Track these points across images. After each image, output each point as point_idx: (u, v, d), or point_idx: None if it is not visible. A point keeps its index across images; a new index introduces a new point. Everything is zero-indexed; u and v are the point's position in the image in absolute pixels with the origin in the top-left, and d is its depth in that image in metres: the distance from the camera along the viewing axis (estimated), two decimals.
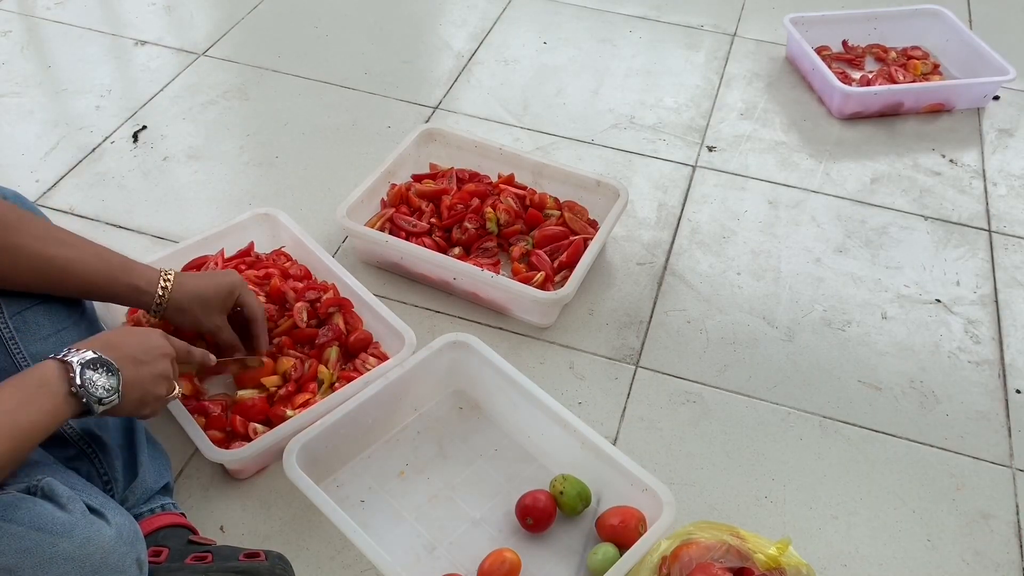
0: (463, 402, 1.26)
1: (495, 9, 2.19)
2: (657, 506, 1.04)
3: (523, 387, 1.16)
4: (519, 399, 1.18)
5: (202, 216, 1.56)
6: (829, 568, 1.12)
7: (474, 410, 1.26)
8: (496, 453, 1.20)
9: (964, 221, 1.66)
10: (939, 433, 1.30)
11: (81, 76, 1.89)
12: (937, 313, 1.48)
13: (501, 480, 1.17)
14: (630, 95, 1.93)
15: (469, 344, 1.21)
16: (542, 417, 1.15)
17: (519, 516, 1.10)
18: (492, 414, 1.24)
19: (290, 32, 2.07)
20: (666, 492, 1.04)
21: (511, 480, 1.17)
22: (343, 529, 1.00)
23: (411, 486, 1.16)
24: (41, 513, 0.77)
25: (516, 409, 1.20)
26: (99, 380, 0.84)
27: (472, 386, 1.26)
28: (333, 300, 1.30)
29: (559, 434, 1.14)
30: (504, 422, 1.23)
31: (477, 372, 1.23)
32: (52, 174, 1.64)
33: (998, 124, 1.91)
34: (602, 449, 1.10)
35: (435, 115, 1.84)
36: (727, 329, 1.42)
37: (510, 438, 1.22)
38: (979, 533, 1.18)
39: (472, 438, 1.22)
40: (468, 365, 1.23)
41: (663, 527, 1.02)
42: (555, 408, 1.13)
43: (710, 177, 1.73)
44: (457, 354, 1.23)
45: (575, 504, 1.10)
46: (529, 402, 1.16)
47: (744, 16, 2.22)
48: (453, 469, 1.18)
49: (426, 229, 1.47)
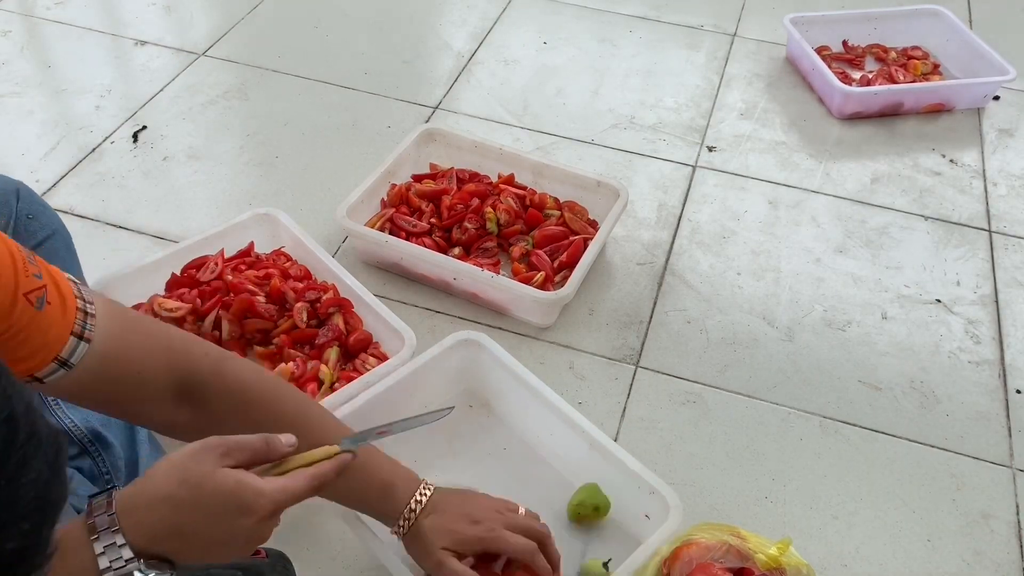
0: (473, 400, 1.26)
1: (495, 9, 2.19)
2: (664, 509, 1.03)
3: (532, 386, 1.15)
4: (528, 399, 1.17)
5: (202, 216, 1.56)
6: (829, 568, 1.12)
7: (484, 408, 1.25)
8: (505, 452, 1.20)
9: (964, 221, 1.66)
10: (939, 433, 1.30)
11: (81, 76, 1.89)
12: (937, 313, 1.48)
13: (509, 480, 1.16)
14: (630, 95, 1.93)
15: (480, 343, 1.21)
16: (550, 417, 1.15)
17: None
18: (502, 413, 1.24)
19: (290, 32, 2.07)
20: (673, 496, 1.03)
21: (519, 480, 1.16)
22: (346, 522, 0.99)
23: None
24: None
25: (525, 409, 1.19)
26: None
27: (483, 385, 1.26)
28: (333, 300, 1.30)
29: (567, 434, 1.14)
30: (513, 421, 1.23)
31: (488, 371, 1.23)
32: (52, 174, 1.64)
33: (998, 124, 1.91)
34: (610, 451, 1.09)
35: (435, 115, 1.84)
36: (727, 329, 1.42)
37: (519, 437, 1.22)
38: (979, 533, 1.18)
39: (481, 436, 1.22)
40: (479, 363, 1.23)
41: (669, 531, 1.00)
42: (563, 408, 1.13)
43: (710, 177, 1.73)
44: (468, 352, 1.22)
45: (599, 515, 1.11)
46: (538, 402, 1.15)
47: (744, 16, 2.22)
48: (461, 467, 1.18)
49: (426, 229, 1.47)
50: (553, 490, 1.15)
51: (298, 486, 0.70)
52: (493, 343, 1.21)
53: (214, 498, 0.65)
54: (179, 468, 0.65)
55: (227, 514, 0.65)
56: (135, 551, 0.61)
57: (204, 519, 0.65)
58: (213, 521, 0.65)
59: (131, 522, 0.62)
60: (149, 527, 0.63)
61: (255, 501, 0.66)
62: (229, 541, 0.66)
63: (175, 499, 0.64)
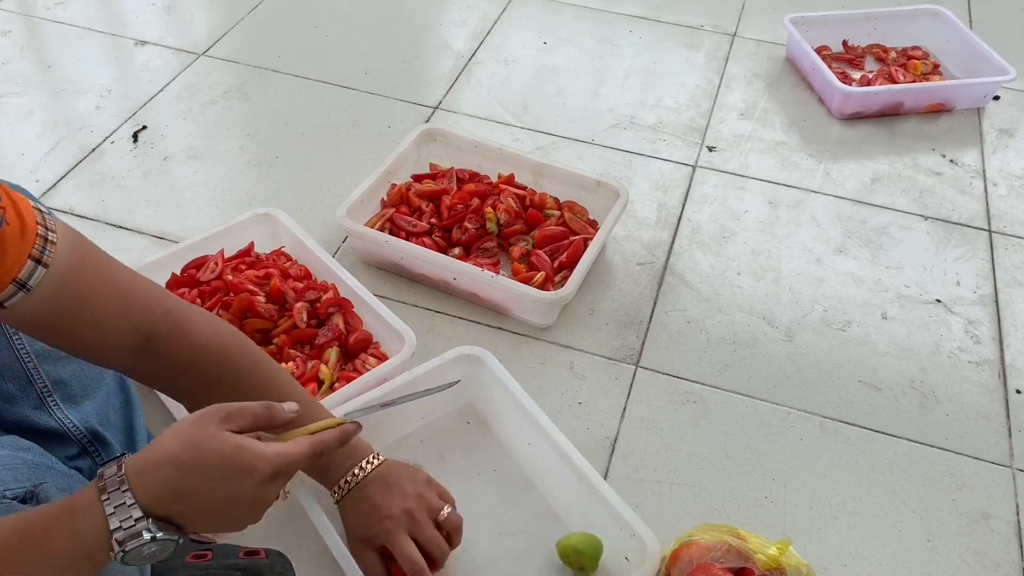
0: (471, 416, 1.24)
1: (495, 9, 2.19)
2: (643, 553, 1.00)
3: (529, 411, 1.13)
4: (523, 423, 1.15)
5: (202, 216, 1.56)
6: (829, 568, 1.12)
7: (481, 426, 1.23)
8: (495, 474, 1.18)
9: (964, 221, 1.66)
10: (939, 433, 1.30)
11: (81, 76, 1.89)
12: (937, 313, 1.48)
13: (494, 503, 1.14)
14: (630, 95, 1.93)
15: (482, 359, 1.19)
16: (543, 445, 1.12)
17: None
18: (498, 433, 1.22)
19: (290, 32, 2.07)
20: (652, 540, 1.00)
21: (504, 504, 1.14)
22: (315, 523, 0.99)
23: None
24: None
25: (520, 432, 1.17)
26: (153, 549, 0.65)
27: (483, 402, 1.24)
28: (333, 300, 1.30)
29: (558, 465, 1.11)
30: (508, 443, 1.20)
31: (488, 389, 1.21)
32: (52, 174, 1.64)
33: (998, 124, 1.91)
34: (597, 488, 1.05)
35: (435, 115, 1.84)
36: (727, 329, 1.43)
37: (512, 460, 1.19)
38: (979, 533, 1.18)
39: (474, 454, 1.20)
40: (480, 380, 1.21)
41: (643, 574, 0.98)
42: (557, 438, 1.10)
43: (710, 177, 1.73)
44: (470, 367, 1.20)
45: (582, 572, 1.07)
46: (532, 427, 1.13)
47: (744, 16, 2.22)
48: (449, 483, 1.14)
49: (426, 229, 1.47)
50: (538, 519, 1.12)
51: (298, 451, 0.73)
52: (495, 361, 1.18)
53: (214, 460, 0.67)
54: (182, 432, 0.68)
55: (228, 476, 0.67)
56: (144, 511, 0.64)
57: (206, 481, 0.67)
58: (214, 483, 0.67)
59: (139, 483, 0.65)
60: (156, 489, 0.65)
61: (254, 463, 0.68)
62: (232, 503, 0.68)
63: (178, 461, 0.66)
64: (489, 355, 1.19)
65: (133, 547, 0.64)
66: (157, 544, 0.65)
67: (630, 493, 1.18)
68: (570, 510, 1.11)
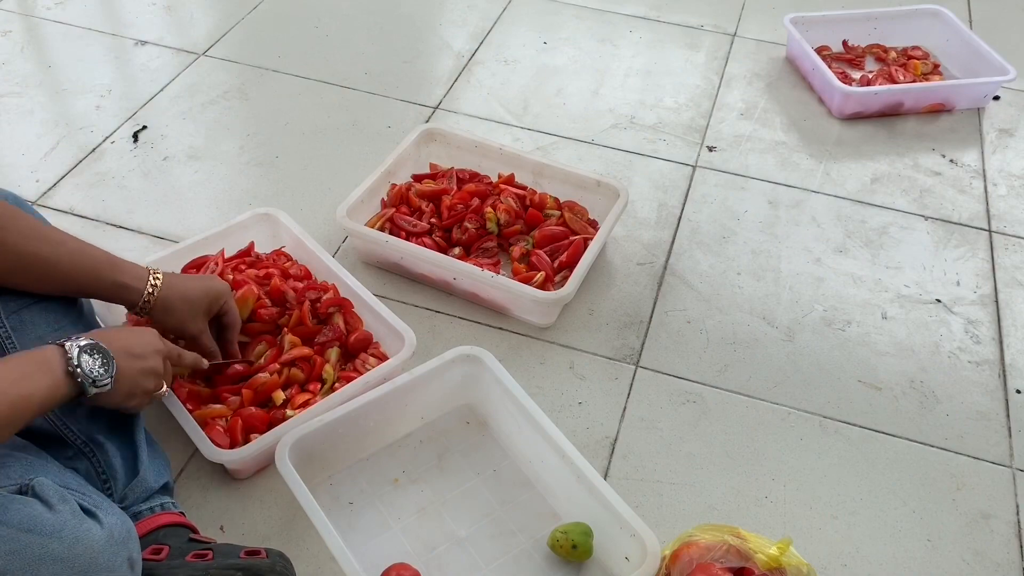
0: (471, 417, 1.24)
1: (495, 9, 2.19)
2: (643, 553, 1.00)
3: (528, 411, 1.13)
4: (523, 423, 1.15)
5: (202, 216, 1.56)
6: (829, 568, 1.12)
7: (481, 427, 1.23)
8: (494, 474, 1.18)
9: (964, 221, 1.66)
10: (939, 433, 1.30)
11: (81, 76, 1.89)
12: (937, 313, 1.48)
13: (494, 503, 1.14)
14: (630, 95, 1.93)
15: (482, 360, 1.18)
16: (543, 445, 1.12)
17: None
18: (497, 433, 1.22)
19: (290, 32, 2.07)
20: (653, 540, 1.00)
21: (503, 504, 1.14)
22: (316, 525, 0.99)
23: (403, 494, 1.15)
24: (30, 514, 0.77)
25: (519, 432, 1.17)
26: (95, 364, 0.88)
27: (482, 402, 1.24)
28: (333, 300, 1.30)
29: (558, 465, 1.11)
30: (508, 443, 1.21)
31: (487, 389, 1.21)
32: (52, 174, 1.64)
33: (998, 124, 1.91)
34: (596, 487, 1.05)
35: (435, 115, 1.84)
36: (727, 329, 1.43)
37: (511, 460, 1.19)
38: (979, 533, 1.18)
39: (473, 455, 1.20)
40: (480, 381, 1.21)
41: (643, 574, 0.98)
42: (556, 438, 1.10)
43: (710, 177, 1.73)
44: (470, 368, 1.20)
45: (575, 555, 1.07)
46: (532, 427, 1.13)
47: (744, 16, 2.22)
48: (448, 483, 1.16)
49: (426, 229, 1.47)
50: (536, 519, 1.12)
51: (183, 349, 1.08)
52: (495, 361, 1.18)
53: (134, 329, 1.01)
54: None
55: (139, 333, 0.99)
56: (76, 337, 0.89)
57: (124, 331, 0.99)
58: (128, 333, 0.98)
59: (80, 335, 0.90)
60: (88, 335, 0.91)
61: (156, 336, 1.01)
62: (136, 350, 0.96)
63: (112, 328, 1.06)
64: (489, 355, 1.19)
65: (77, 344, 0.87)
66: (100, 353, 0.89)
67: (630, 493, 1.18)
68: (570, 510, 1.11)
